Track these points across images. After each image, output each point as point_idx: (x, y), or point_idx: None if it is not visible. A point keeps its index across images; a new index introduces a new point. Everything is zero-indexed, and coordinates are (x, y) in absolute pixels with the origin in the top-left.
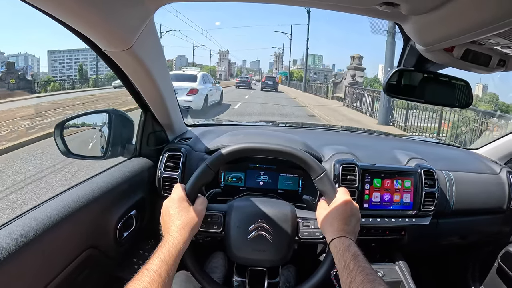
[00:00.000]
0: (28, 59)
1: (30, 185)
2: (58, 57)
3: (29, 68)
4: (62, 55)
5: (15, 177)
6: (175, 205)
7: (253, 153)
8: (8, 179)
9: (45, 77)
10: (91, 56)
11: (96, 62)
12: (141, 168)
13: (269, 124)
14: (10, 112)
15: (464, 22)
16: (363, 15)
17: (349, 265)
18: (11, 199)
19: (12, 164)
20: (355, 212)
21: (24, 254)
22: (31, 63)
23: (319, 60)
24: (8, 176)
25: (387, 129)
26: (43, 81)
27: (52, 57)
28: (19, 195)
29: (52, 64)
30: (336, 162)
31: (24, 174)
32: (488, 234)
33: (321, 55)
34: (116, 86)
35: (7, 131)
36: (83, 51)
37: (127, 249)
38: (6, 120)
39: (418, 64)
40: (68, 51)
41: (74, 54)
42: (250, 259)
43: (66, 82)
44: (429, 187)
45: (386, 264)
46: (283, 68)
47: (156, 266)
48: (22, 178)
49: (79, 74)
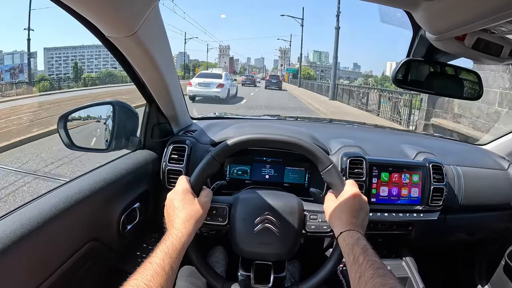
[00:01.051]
0: (24, 56)
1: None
2: (55, 55)
3: (25, 66)
4: (59, 52)
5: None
6: (179, 197)
7: (259, 144)
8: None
9: (38, 75)
10: (88, 54)
11: (92, 60)
12: (145, 160)
13: (274, 118)
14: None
15: (477, 8)
16: (374, 2)
17: (359, 259)
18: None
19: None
20: (364, 205)
21: (25, 245)
22: (26, 61)
23: (325, 57)
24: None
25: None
26: (36, 80)
27: (49, 55)
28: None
29: (48, 62)
30: (343, 155)
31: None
32: (495, 230)
33: (327, 52)
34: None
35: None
36: (80, 48)
37: (130, 242)
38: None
39: (428, 55)
40: (65, 48)
41: (71, 51)
42: (255, 253)
43: (62, 81)
44: (437, 181)
45: (393, 259)
46: (290, 64)
47: (160, 259)
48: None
49: (74, 72)
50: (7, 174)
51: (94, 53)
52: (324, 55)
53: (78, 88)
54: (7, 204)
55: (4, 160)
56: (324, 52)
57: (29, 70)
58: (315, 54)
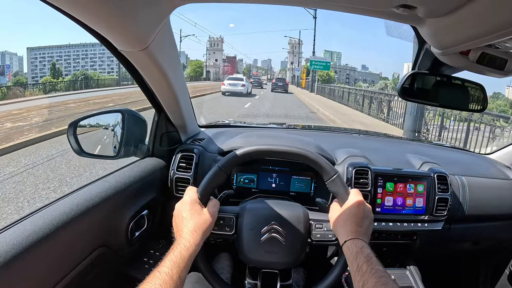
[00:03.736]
0: (5, 57)
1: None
2: (39, 55)
3: (7, 67)
4: (43, 52)
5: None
6: (187, 207)
7: (266, 155)
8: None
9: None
10: (74, 54)
11: (79, 60)
12: (154, 168)
13: (281, 127)
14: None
15: (481, 25)
16: (379, 18)
17: (362, 267)
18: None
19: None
20: (368, 214)
21: (36, 252)
22: (9, 62)
23: (337, 57)
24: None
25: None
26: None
27: (32, 55)
28: None
29: (32, 63)
30: (349, 165)
31: None
32: (500, 240)
33: (339, 52)
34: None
35: None
36: (66, 48)
37: (138, 249)
38: None
39: (433, 68)
40: (50, 48)
41: (56, 51)
42: (262, 261)
43: (39, 85)
44: (442, 191)
45: (397, 269)
46: (304, 61)
47: (168, 268)
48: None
49: (51, 74)
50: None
51: (81, 53)
52: (336, 55)
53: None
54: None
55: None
56: (336, 52)
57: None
58: (326, 54)
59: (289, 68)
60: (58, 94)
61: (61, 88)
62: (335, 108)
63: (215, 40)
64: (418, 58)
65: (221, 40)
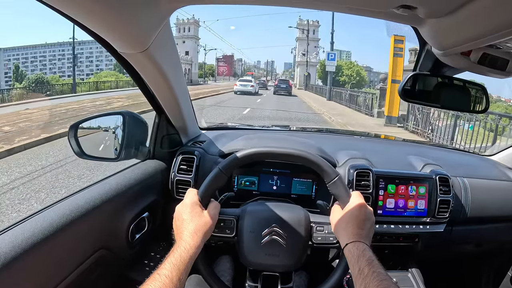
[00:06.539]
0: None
1: None
2: (12, 56)
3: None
4: (17, 53)
5: None
6: (187, 210)
7: (267, 157)
8: None
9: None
10: (50, 54)
11: (55, 61)
12: (155, 170)
13: (283, 129)
14: None
15: (482, 26)
16: (380, 19)
17: (364, 270)
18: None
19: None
20: (370, 216)
21: (36, 253)
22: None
23: (346, 56)
24: None
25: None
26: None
27: (5, 56)
28: None
29: (5, 65)
30: (350, 167)
31: None
32: (503, 242)
33: (349, 51)
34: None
35: None
36: (42, 47)
37: (138, 251)
38: None
39: (434, 69)
40: (24, 48)
41: (31, 51)
42: (263, 264)
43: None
44: (444, 193)
45: (399, 271)
46: (323, 51)
47: (168, 271)
48: None
49: (14, 77)
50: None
51: (57, 53)
52: (346, 54)
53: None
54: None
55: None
56: (346, 51)
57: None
58: (336, 53)
59: (300, 62)
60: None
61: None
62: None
63: (185, 23)
64: (419, 59)
65: (195, 22)
